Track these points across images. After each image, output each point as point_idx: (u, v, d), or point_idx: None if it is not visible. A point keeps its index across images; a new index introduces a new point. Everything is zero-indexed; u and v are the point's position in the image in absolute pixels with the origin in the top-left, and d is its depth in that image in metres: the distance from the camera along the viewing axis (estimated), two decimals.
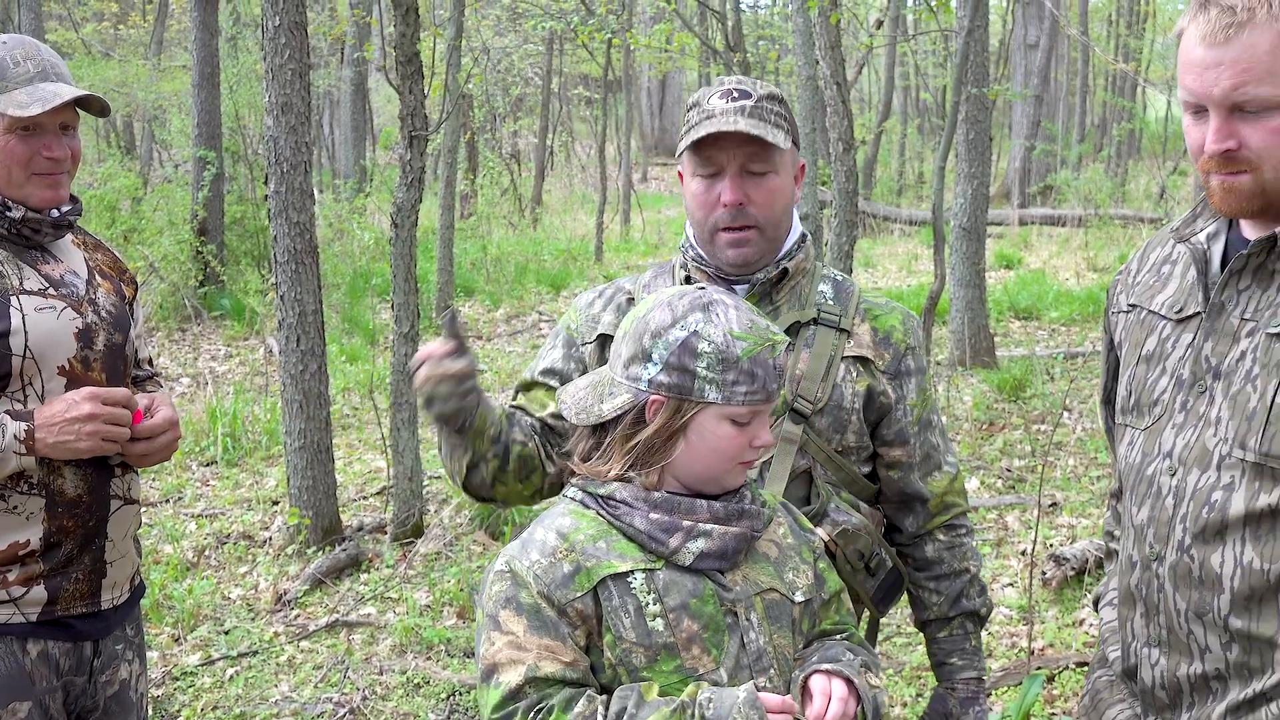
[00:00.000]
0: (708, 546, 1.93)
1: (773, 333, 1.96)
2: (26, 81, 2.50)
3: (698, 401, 1.92)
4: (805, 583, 2.05)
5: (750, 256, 2.33)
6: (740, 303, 1.98)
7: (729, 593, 1.95)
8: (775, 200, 2.31)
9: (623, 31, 14.09)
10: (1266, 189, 1.80)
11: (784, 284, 2.39)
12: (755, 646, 1.95)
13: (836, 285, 2.44)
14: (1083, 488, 6.94)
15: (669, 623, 1.90)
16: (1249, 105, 1.75)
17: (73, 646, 2.60)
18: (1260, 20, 1.72)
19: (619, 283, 2.54)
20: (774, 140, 2.25)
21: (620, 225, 19.08)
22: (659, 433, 1.94)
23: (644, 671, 1.90)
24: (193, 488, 7.35)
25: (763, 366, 1.92)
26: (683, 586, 1.92)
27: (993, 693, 4.63)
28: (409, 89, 5.93)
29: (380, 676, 4.91)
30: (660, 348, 1.92)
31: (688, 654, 1.90)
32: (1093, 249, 15.69)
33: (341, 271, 13.35)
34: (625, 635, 1.89)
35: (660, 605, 1.90)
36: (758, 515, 2.00)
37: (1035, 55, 21.13)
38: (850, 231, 8.42)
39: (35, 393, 2.50)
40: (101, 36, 22.10)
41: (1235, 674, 1.85)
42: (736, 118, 2.25)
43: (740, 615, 1.95)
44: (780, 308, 2.37)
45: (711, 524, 1.94)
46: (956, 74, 8.42)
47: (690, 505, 1.94)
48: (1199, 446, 1.86)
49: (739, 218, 2.29)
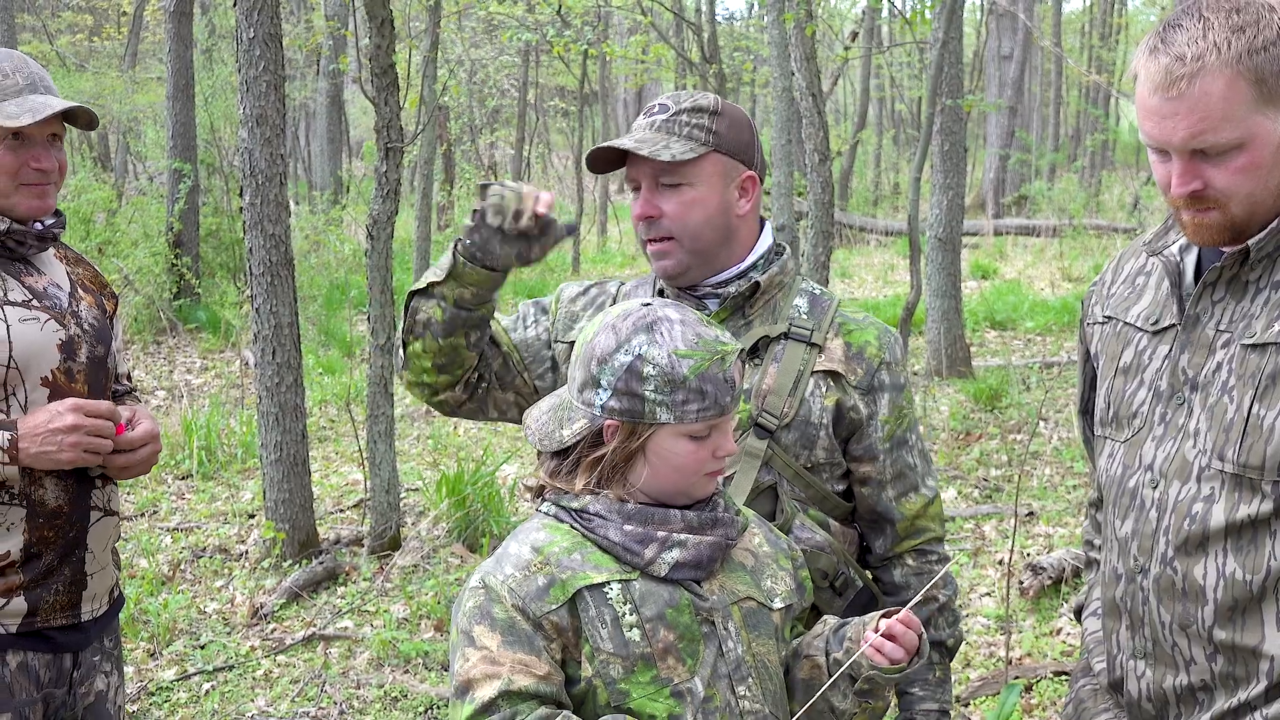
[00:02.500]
0: (683, 556, 1.93)
1: (721, 344, 1.94)
2: (16, 93, 2.52)
3: (650, 424, 1.92)
4: (784, 589, 2.04)
5: (672, 268, 2.32)
6: (687, 315, 1.96)
7: (705, 602, 1.94)
8: (690, 212, 2.29)
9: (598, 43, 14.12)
10: (1235, 222, 1.81)
11: (757, 298, 2.36)
12: (734, 655, 1.95)
13: (813, 299, 2.40)
14: (1059, 497, 6.96)
15: (645, 633, 1.90)
16: (1210, 150, 1.76)
17: (53, 658, 2.59)
18: (1211, 67, 1.72)
19: (606, 285, 2.54)
20: (656, 153, 2.24)
21: (597, 236, 19.09)
22: (617, 454, 1.95)
23: (621, 683, 1.89)
24: (168, 501, 7.31)
25: (712, 382, 1.91)
26: (659, 597, 1.92)
27: (970, 703, 4.64)
28: (385, 101, 5.92)
29: (358, 690, 4.89)
30: (607, 374, 1.92)
31: (663, 664, 1.90)
32: (1067, 259, 15.78)
33: (318, 283, 13.32)
34: (603, 646, 1.89)
35: (637, 615, 1.90)
36: (731, 523, 1.99)
37: (1009, 67, 21.26)
38: (826, 242, 8.45)
39: (18, 403, 2.51)
40: (76, 49, 22.02)
41: (1221, 684, 1.86)
42: (643, 133, 2.29)
43: (718, 624, 1.95)
44: (753, 321, 2.35)
45: (686, 534, 1.93)
46: (931, 85, 8.46)
47: (664, 516, 1.94)
48: (1179, 458, 1.87)
49: (654, 229, 2.31)
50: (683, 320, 1.94)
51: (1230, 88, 1.72)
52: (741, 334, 2.32)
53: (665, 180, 2.28)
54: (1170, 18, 1.80)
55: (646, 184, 2.30)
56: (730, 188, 2.33)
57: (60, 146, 2.64)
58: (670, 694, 1.90)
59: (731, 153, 2.32)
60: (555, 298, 2.54)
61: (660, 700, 1.90)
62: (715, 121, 2.30)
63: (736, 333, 2.32)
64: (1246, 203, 1.79)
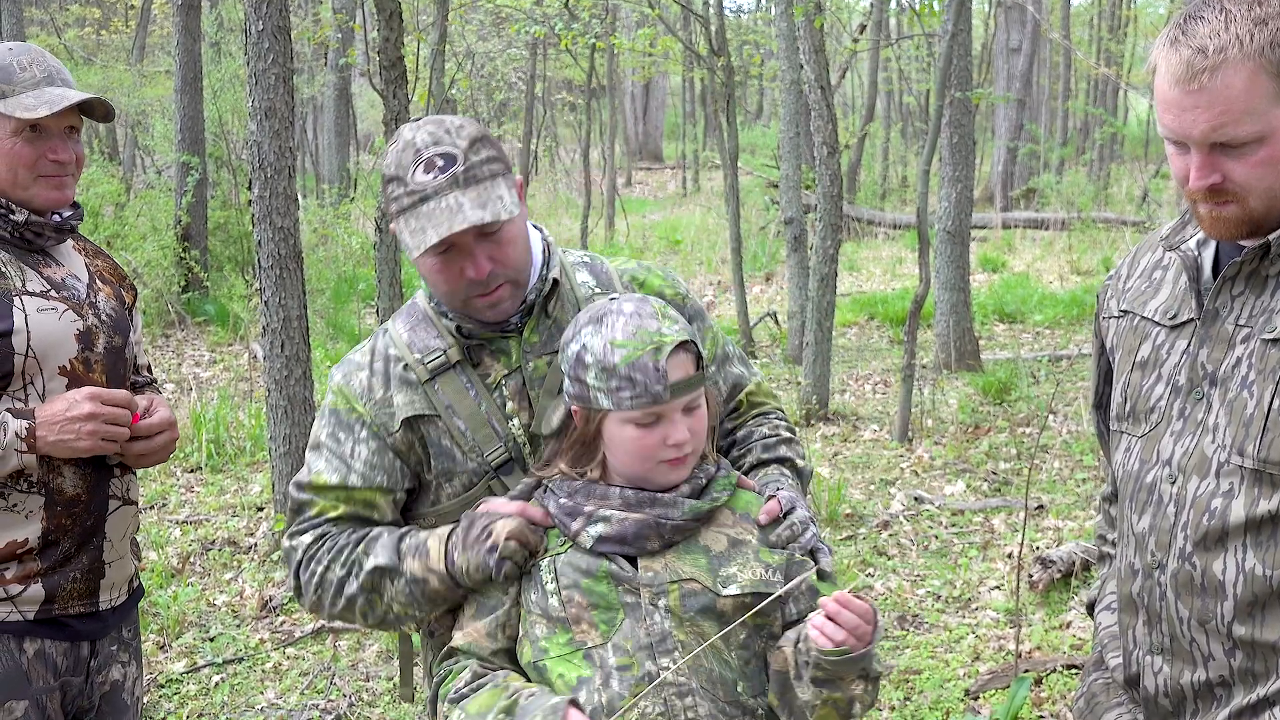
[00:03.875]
0: (605, 531, 2.07)
1: (661, 335, 2.04)
2: (33, 86, 2.55)
3: (597, 409, 2.08)
4: (750, 577, 2.09)
5: (510, 309, 2.23)
6: (642, 308, 2.07)
7: (626, 573, 2.06)
8: (516, 247, 2.19)
9: (606, 36, 14.10)
10: (1253, 216, 1.80)
11: (554, 294, 2.30)
12: (659, 629, 2.04)
13: (591, 268, 2.38)
14: (1069, 490, 6.95)
15: (562, 599, 2.07)
16: (1230, 143, 1.75)
17: (70, 646, 2.61)
18: (1233, 59, 1.71)
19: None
20: (500, 212, 2.11)
21: (605, 230, 19.07)
22: (581, 437, 2.13)
23: (542, 641, 2.08)
24: (177, 494, 7.32)
25: (642, 370, 2.02)
26: (579, 565, 2.08)
27: (980, 696, 4.64)
28: (393, 94, 5.92)
29: (367, 683, 4.90)
30: (565, 362, 2.12)
31: (578, 628, 2.06)
32: (1076, 252, 15.74)
33: (326, 277, 13.32)
34: (532, 607, 2.10)
35: (556, 582, 2.09)
36: (672, 504, 2.08)
37: (1018, 59, 21.20)
38: (834, 235, 8.44)
39: (36, 392, 2.53)
40: (84, 42, 22.01)
41: (1239, 680, 1.85)
42: (458, 197, 2.10)
43: (644, 598, 2.05)
44: (558, 318, 2.29)
45: (613, 510, 2.07)
46: (940, 78, 8.44)
47: (604, 492, 2.10)
48: (1198, 454, 1.86)
49: (491, 283, 2.18)
50: (635, 313, 2.06)
51: (1252, 81, 1.71)
52: (555, 337, 2.27)
53: (489, 230, 2.15)
54: (1190, 9, 1.79)
55: (466, 246, 2.14)
56: (518, 201, 2.23)
57: (77, 139, 2.66)
58: (582, 656, 2.05)
59: (508, 166, 2.22)
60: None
61: (573, 661, 2.05)
62: (487, 146, 2.18)
63: (548, 333, 2.27)
64: (1265, 196, 1.78)
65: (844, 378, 9.99)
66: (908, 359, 7.97)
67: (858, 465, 7.55)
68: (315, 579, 2.28)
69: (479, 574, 2.13)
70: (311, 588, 2.28)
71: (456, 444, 2.25)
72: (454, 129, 2.17)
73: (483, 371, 2.27)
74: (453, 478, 2.27)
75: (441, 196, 2.11)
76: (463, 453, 2.25)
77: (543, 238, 2.36)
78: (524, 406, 2.26)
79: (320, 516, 2.31)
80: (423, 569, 2.19)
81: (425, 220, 2.11)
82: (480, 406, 2.25)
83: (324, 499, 2.31)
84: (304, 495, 2.33)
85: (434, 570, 2.18)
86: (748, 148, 25.80)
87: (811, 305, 8.56)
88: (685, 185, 26.68)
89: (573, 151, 28.45)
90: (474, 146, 2.16)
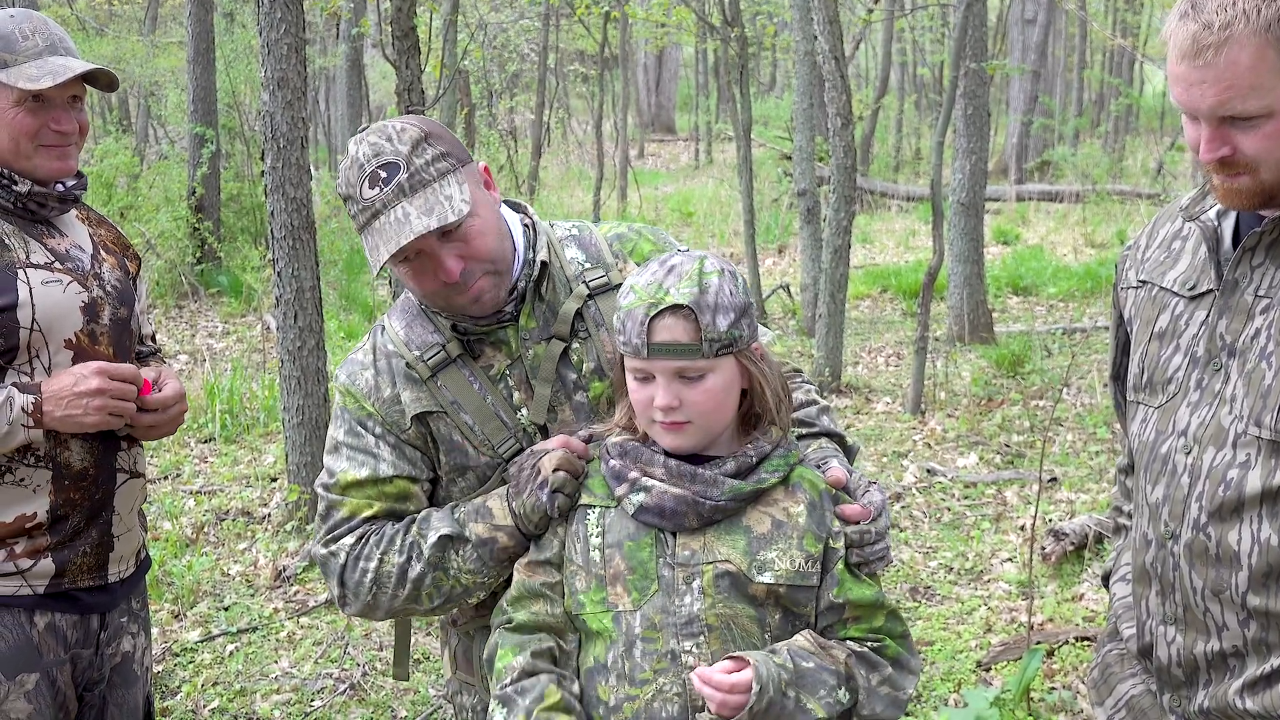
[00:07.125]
0: (646, 501, 2.04)
1: (662, 292, 1.99)
2: (36, 55, 2.51)
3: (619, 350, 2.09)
4: (786, 567, 2.02)
5: (495, 299, 2.20)
6: (681, 265, 2.03)
7: (670, 553, 2.03)
8: (485, 238, 2.15)
9: (620, 6, 14.04)
10: (1266, 187, 1.80)
11: (545, 276, 2.26)
12: (687, 611, 2.01)
13: (579, 242, 2.34)
14: (1082, 463, 6.94)
15: (604, 557, 2.06)
16: (1238, 117, 1.75)
17: (80, 619, 2.62)
18: (1240, 35, 1.70)
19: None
20: (447, 214, 2.07)
21: (617, 202, 19.02)
22: (616, 380, 2.16)
23: (581, 594, 2.07)
24: (191, 464, 7.35)
25: (631, 319, 2.01)
26: (625, 528, 2.06)
27: (992, 667, 4.64)
28: (405, 64, 5.90)
29: (380, 652, 4.92)
30: None
31: (613, 589, 2.05)
32: (1090, 225, 15.67)
33: (339, 248, 13.32)
34: (574, 559, 2.09)
35: (602, 539, 2.07)
36: (713, 483, 2.02)
37: (1033, 30, 21.05)
38: (848, 207, 8.41)
39: (42, 365, 2.52)
40: (95, 12, 21.99)
41: (1253, 650, 1.85)
42: (405, 207, 2.08)
43: (678, 577, 2.02)
44: (550, 301, 2.26)
45: (655, 481, 2.04)
46: (954, 49, 8.39)
47: (649, 458, 2.07)
48: (1214, 424, 1.86)
49: (468, 280, 2.15)
50: (669, 267, 2.03)
51: (1258, 56, 1.71)
52: (551, 321, 2.25)
53: (450, 229, 2.11)
54: None
55: (432, 250, 2.11)
56: (483, 190, 2.21)
57: (81, 108, 2.63)
58: (612, 619, 2.04)
59: (463, 159, 2.18)
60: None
61: (603, 619, 2.04)
62: (433, 145, 2.14)
63: (544, 318, 2.25)
64: (1277, 168, 1.78)
65: (857, 350, 9.97)
66: (921, 331, 7.96)
67: (870, 437, 7.55)
68: (369, 577, 2.21)
69: (535, 513, 2.13)
70: (366, 588, 2.21)
71: (467, 439, 2.23)
72: (395, 135, 2.13)
73: (485, 363, 2.24)
74: (466, 472, 2.25)
75: (390, 209, 2.09)
76: (474, 447, 2.23)
77: (523, 219, 2.31)
78: (530, 395, 2.23)
79: (355, 517, 2.24)
80: (488, 529, 2.17)
81: (378, 237, 2.10)
82: (486, 399, 2.22)
83: (355, 497, 2.25)
84: (332, 496, 2.26)
85: (502, 526, 2.16)
86: (761, 119, 25.69)
87: (825, 277, 8.54)
88: (698, 157, 26.57)
89: (585, 123, 28.37)
90: (417, 149, 2.12)
